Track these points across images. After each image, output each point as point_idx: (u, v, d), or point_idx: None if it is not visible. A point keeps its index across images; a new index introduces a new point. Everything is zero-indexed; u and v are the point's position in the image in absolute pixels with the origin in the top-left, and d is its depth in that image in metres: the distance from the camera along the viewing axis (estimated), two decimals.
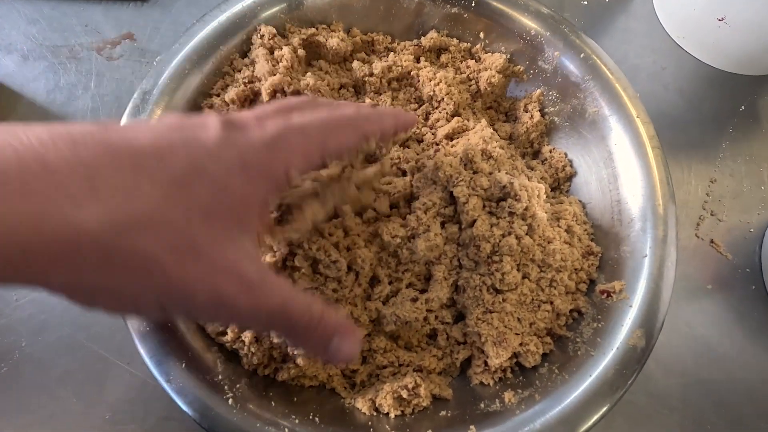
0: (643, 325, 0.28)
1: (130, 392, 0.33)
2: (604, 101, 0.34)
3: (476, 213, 0.29)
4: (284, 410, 0.26)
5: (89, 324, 0.35)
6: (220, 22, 0.33)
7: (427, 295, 0.30)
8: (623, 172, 0.33)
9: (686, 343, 0.38)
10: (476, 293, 0.29)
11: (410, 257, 0.29)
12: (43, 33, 0.43)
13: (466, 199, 0.29)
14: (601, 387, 0.27)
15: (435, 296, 0.29)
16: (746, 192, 0.43)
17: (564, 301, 0.30)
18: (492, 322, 0.29)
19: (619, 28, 0.49)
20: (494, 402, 0.28)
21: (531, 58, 0.37)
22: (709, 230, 0.41)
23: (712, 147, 0.44)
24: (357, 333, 0.21)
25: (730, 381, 0.37)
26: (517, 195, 0.28)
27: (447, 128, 0.34)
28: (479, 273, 0.29)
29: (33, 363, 0.34)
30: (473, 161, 0.30)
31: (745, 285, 0.40)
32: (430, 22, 0.38)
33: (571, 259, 0.31)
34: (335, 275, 0.28)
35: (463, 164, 0.30)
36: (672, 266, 0.30)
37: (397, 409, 0.28)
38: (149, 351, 0.26)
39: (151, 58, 0.43)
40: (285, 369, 0.28)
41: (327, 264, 0.27)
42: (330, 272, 0.28)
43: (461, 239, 0.30)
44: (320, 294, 0.28)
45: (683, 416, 0.35)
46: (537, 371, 0.30)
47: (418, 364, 0.30)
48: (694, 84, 0.47)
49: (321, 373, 0.29)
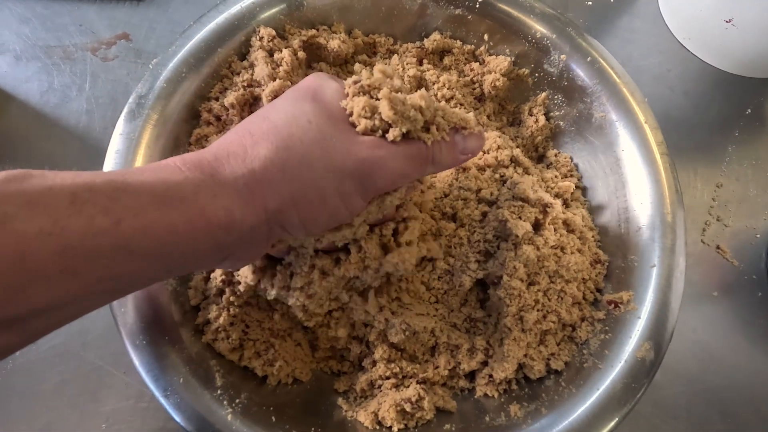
0: (652, 337, 0.28)
1: (125, 402, 0.33)
2: (612, 106, 0.33)
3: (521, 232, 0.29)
4: (285, 425, 0.26)
5: (83, 333, 0.34)
6: (218, 24, 0.32)
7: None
8: (631, 179, 0.32)
9: (692, 350, 0.37)
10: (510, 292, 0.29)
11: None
12: (36, 33, 0.42)
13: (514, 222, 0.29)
14: (609, 401, 0.26)
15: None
16: (752, 197, 0.42)
17: (570, 312, 0.30)
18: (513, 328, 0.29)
19: (623, 28, 0.48)
20: (500, 415, 0.28)
21: (536, 61, 0.36)
22: (715, 236, 0.41)
23: (718, 151, 0.44)
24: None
25: (735, 389, 0.36)
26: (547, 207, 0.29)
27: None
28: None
29: (26, 373, 0.33)
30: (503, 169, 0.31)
31: (751, 292, 0.39)
32: (433, 24, 0.37)
33: (581, 269, 0.30)
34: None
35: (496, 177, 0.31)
36: (681, 276, 0.29)
37: (400, 423, 0.27)
38: (146, 365, 0.25)
39: (147, 59, 0.42)
40: (273, 367, 0.28)
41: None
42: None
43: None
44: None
45: (689, 425, 0.35)
46: (543, 383, 0.29)
47: (421, 376, 0.29)
48: (700, 86, 0.46)
49: (302, 368, 0.29)
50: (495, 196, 0.32)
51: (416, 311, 0.30)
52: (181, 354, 0.26)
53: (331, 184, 0.21)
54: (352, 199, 0.21)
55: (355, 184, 0.21)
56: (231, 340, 0.28)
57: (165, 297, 0.28)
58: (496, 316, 0.30)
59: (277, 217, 0.20)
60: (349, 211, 0.22)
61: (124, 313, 0.26)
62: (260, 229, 0.20)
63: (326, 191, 0.21)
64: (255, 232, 0.20)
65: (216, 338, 0.28)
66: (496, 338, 0.30)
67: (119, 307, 0.26)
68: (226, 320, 0.28)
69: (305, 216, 0.21)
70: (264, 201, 0.20)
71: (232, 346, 0.28)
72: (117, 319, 0.26)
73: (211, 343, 0.28)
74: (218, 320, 0.27)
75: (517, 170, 0.33)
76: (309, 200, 0.20)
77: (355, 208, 0.22)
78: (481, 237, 0.30)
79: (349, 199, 0.21)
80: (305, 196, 0.20)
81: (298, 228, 0.21)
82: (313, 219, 0.21)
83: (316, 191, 0.20)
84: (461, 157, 0.24)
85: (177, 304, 0.28)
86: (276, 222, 0.21)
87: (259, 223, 0.20)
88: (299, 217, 0.21)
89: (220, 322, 0.27)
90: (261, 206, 0.20)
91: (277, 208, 0.20)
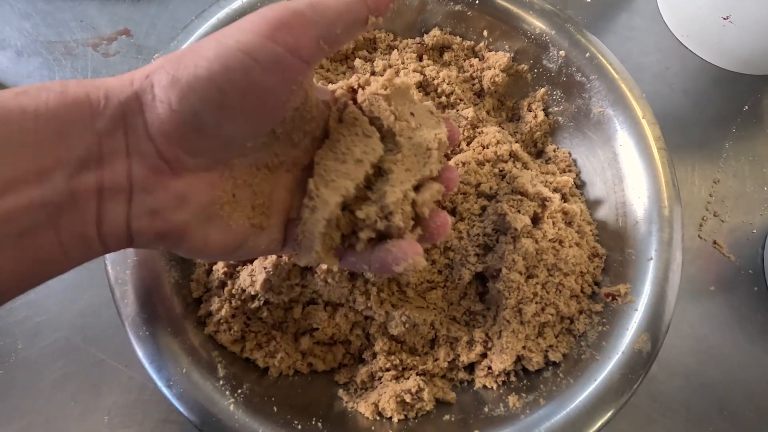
0: (649, 328, 0.28)
1: (128, 395, 0.33)
2: (610, 101, 0.34)
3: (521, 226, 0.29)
4: (287, 416, 0.26)
5: (86, 327, 0.34)
6: (219, 19, 0.32)
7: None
8: (629, 174, 0.32)
9: (689, 345, 0.38)
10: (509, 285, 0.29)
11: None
12: (37, 28, 0.42)
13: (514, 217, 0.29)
14: (606, 392, 0.26)
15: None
16: (749, 193, 0.43)
17: (568, 305, 0.30)
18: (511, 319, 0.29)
19: (622, 25, 0.48)
20: (498, 406, 0.28)
21: (535, 56, 0.36)
22: (712, 231, 0.41)
23: (715, 147, 0.44)
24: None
25: (732, 383, 0.37)
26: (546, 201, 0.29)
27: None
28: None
29: (29, 366, 0.33)
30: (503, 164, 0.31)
31: (747, 287, 0.40)
32: (433, 20, 0.37)
33: (580, 262, 0.30)
34: None
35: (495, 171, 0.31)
36: (677, 269, 0.29)
37: (401, 413, 0.28)
38: (149, 356, 0.26)
39: (148, 55, 0.42)
40: (274, 358, 0.28)
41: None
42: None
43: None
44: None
45: (686, 419, 0.35)
46: (541, 375, 0.29)
47: (421, 368, 0.29)
48: (698, 83, 0.46)
49: (300, 362, 0.29)
50: (494, 191, 0.32)
51: (416, 304, 0.30)
52: (184, 345, 0.26)
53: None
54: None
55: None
56: (233, 332, 0.28)
57: (167, 290, 0.28)
58: (495, 308, 0.30)
59: (145, 84, 0.18)
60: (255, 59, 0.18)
61: (127, 305, 0.26)
62: (130, 104, 0.18)
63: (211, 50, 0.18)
64: (125, 108, 0.18)
65: (218, 330, 0.28)
66: (495, 331, 0.30)
67: (122, 298, 0.26)
68: (227, 312, 0.28)
69: (175, 69, 0.17)
70: (134, 75, 0.18)
71: (234, 338, 0.28)
72: (120, 311, 0.26)
73: (213, 334, 0.28)
74: (220, 312, 0.28)
75: (516, 165, 0.33)
76: (180, 54, 0.18)
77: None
78: (481, 231, 0.31)
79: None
80: (179, 54, 0.18)
81: (169, 89, 0.17)
82: (185, 70, 0.17)
83: (191, 48, 0.18)
84: None
85: (179, 296, 0.28)
86: (145, 91, 0.18)
87: (127, 97, 0.17)
88: (166, 75, 0.17)
89: (221, 314, 0.28)
90: (129, 80, 0.18)
91: (144, 75, 0.18)
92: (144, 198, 0.18)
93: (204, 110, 0.18)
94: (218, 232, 0.20)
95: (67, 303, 0.35)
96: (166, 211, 0.19)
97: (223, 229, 0.21)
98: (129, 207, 0.18)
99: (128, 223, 0.18)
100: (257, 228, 0.22)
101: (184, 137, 0.18)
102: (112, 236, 0.18)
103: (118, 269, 0.27)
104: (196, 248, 0.20)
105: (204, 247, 0.20)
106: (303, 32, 0.18)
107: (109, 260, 0.27)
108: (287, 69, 0.18)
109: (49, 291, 0.35)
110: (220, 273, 0.29)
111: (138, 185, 0.18)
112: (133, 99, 0.18)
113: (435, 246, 0.31)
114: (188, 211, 0.19)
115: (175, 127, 0.18)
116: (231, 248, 0.21)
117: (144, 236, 0.19)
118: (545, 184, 0.33)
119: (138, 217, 0.18)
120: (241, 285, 0.28)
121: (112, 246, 0.19)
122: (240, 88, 0.18)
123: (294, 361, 0.29)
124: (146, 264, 0.27)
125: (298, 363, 0.30)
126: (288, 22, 0.18)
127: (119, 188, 0.18)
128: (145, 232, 0.19)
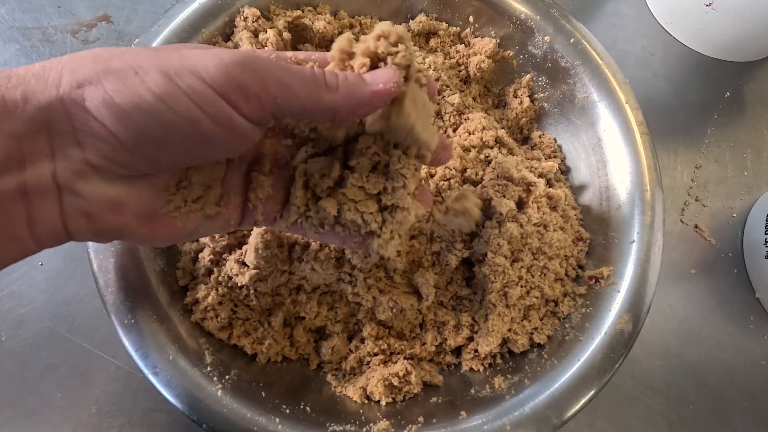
0: (631, 309, 0.29)
1: (115, 385, 0.33)
2: (594, 87, 0.34)
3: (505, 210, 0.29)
4: (275, 400, 0.26)
5: (71, 316, 0.34)
6: (201, 3, 0.32)
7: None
8: (612, 158, 0.33)
9: (670, 326, 0.39)
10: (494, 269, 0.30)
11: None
12: (13, 14, 0.41)
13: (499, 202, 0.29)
14: (588, 371, 0.27)
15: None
16: (730, 178, 0.43)
17: (553, 288, 0.30)
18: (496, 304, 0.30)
19: (608, 13, 0.49)
20: (484, 387, 0.29)
21: (521, 42, 0.36)
22: (694, 215, 0.42)
23: (697, 133, 0.45)
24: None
25: (712, 362, 0.38)
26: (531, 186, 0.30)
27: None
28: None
29: (14, 357, 0.33)
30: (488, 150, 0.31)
31: (727, 269, 0.41)
32: (419, 6, 0.37)
33: (564, 246, 0.31)
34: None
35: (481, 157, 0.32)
36: (659, 251, 0.30)
37: (388, 397, 0.28)
38: (135, 343, 0.25)
39: (128, 42, 0.41)
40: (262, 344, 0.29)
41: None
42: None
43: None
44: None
45: (667, 398, 0.36)
46: (526, 356, 0.30)
47: (409, 352, 0.30)
48: (681, 70, 0.47)
49: (289, 349, 0.30)
50: (480, 176, 0.32)
51: (403, 289, 0.30)
52: (170, 333, 0.26)
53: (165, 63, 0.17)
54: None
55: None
56: (220, 319, 0.28)
57: (152, 278, 0.28)
58: (482, 293, 0.31)
59: (75, 95, 0.16)
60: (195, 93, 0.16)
61: (111, 293, 0.26)
62: (55, 109, 0.16)
63: (152, 68, 0.16)
64: (48, 114, 0.16)
65: (205, 317, 0.28)
66: (482, 314, 0.30)
67: (106, 287, 0.26)
68: (214, 299, 0.28)
69: (116, 91, 0.16)
70: (59, 77, 0.17)
71: (221, 325, 0.28)
72: (104, 299, 0.26)
73: (200, 322, 0.28)
74: (207, 299, 0.28)
75: (502, 151, 0.34)
76: (121, 72, 0.16)
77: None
78: None
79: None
80: (118, 70, 0.16)
81: (103, 109, 0.16)
82: (126, 95, 0.16)
83: (133, 67, 0.17)
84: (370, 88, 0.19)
85: (165, 285, 0.28)
86: (75, 102, 0.16)
87: (50, 101, 0.16)
88: (104, 94, 0.16)
89: (208, 302, 0.28)
90: (54, 83, 0.16)
91: (75, 83, 0.16)
92: (75, 200, 0.17)
93: (141, 140, 0.17)
94: (163, 227, 0.20)
95: (51, 293, 0.34)
96: (102, 215, 0.18)
97: (168, 225, 0.20)
98: (61, 208, 0.17)
99: (64, 223, 0.18)
100: (210, 218, 0.21)
101: (119, 155, 0.17)
102: (48, 235, 0.18)
103: (102, 258, 0.27)
104: (142, 242, 0.20)
105: (150, 240, 0.20)
106: (258, 99, 0.17)
107: (92, 249, 0.27)
108: (237, 128, 0.17)
109: (32, 281, 0.34)
110: (207, 261, 0.28)
111: (66, 187, 0.17)
112: (57, 104, 0.16)
113: (422, 233, 0.31)
114: (125, 215, 0.19)
115: (109, 145, 0.17)
116: (181, 237, 0.21)
117: (82, 234, 0.18)
118: (530, 169, 0.33)
119: (72, 218, 0.18)
120: (228, 272, 0.28)
121: (50, 243, 0.18)
122: (185, 133, 0.17)
123: (282, 347, 0.30)
124: (130, 252, 0.27)
125: (287, 349, 0.30)
126: (245, 85, 0.17)
127: (45, 190, 0.17)
128: (83, 231, 0.18)
